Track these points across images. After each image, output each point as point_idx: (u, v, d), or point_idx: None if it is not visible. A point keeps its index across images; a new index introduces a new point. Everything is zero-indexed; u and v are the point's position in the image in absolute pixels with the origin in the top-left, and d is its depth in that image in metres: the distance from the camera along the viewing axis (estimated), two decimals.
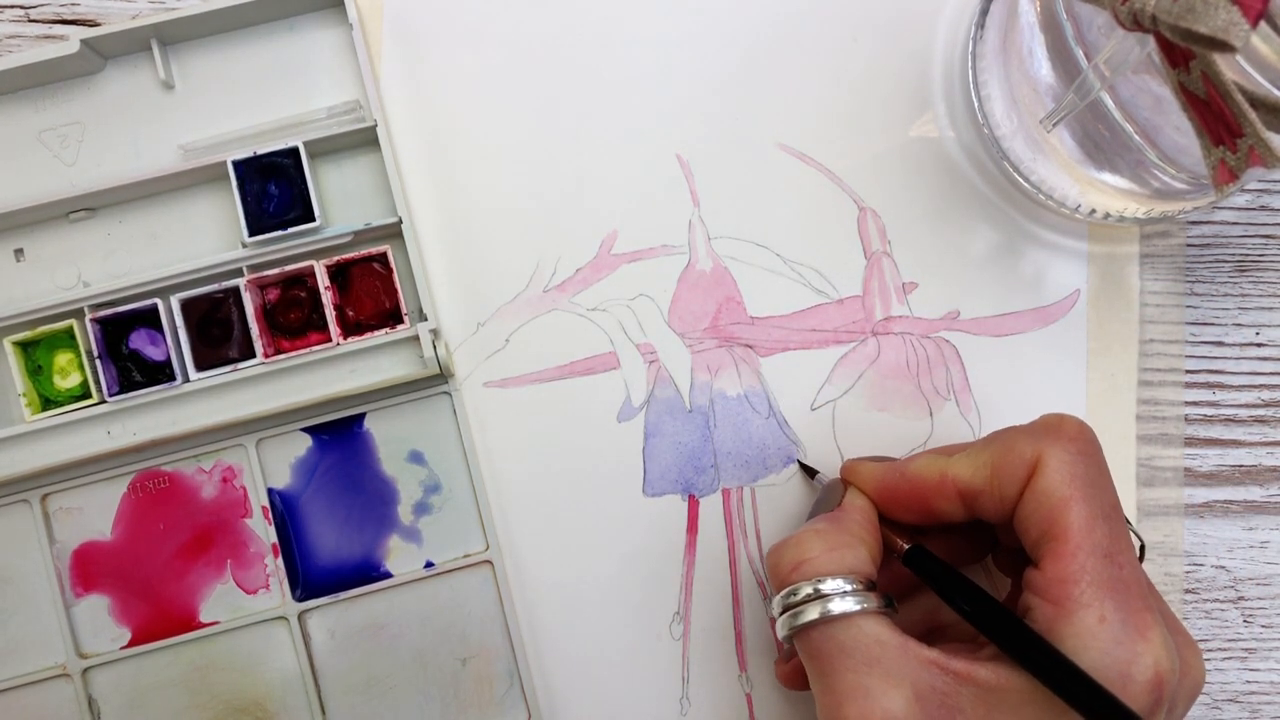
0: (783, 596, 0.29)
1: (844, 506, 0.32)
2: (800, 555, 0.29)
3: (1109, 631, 0.26)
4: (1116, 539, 0.27)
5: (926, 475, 0.30)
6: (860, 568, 0.29)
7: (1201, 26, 0.22)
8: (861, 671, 0.27)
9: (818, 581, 0.28)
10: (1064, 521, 0.27)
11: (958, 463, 0.30)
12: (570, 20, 0.37)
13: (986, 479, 0.29)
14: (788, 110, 0.37)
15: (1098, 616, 0.26)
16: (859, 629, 0.28)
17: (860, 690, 0.27)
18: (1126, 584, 0.27)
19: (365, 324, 0.36)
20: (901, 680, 0.27)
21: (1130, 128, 0.31)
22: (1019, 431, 0.29)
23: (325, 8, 0.36)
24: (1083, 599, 0.26)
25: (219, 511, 0.37)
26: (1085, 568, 0.26)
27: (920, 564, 0.30)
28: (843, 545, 0.29)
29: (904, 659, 0.27)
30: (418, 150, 0.37)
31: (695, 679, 0.37)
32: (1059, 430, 0.28)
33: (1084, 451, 0.28)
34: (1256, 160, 0.25)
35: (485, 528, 0.36)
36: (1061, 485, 0.27)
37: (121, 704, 0.36)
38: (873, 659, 0.27)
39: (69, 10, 0.38)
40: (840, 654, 0.28)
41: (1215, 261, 0.38)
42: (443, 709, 0.36)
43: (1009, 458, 0.28)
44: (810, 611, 0.28)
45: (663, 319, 0.37)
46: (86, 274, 0.36)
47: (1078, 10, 0.31)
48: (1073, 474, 0.28)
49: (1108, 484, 0.28)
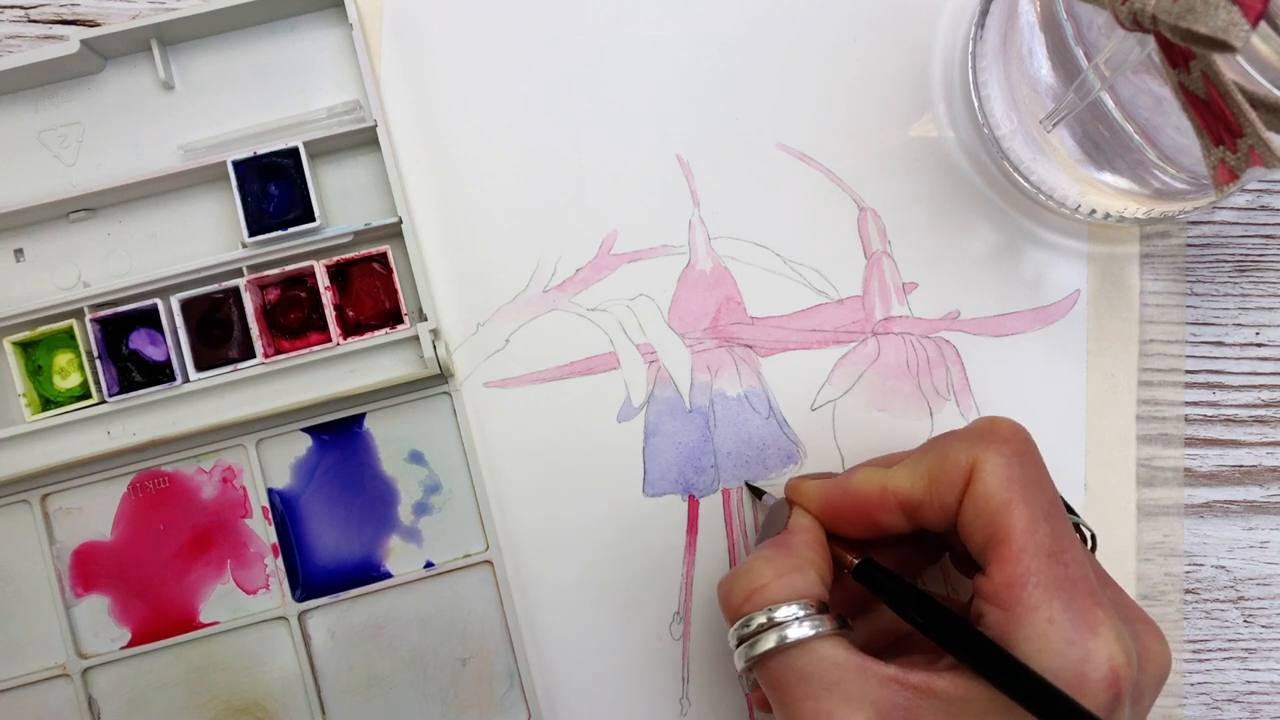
0: (737, 628, 0.29)
1: (790, 528, 0.31)
2: (750, 584, 0.29)
3: (1059, 632, 0.26)
4: (1059, 537, 0.27)
5: (867, 490, 0.30)
6: (811, 591, 0.29)
7: (1201, 26, 0.22)
8: (821, 697, 0.27)
9: (770, 610, 0.28)
10: (1005, 525, 0.27)
11: (896, 475, 0.30)
12: (570, 20, 0.37)
13: (925, 489, 0.29)
14: (788, 110, 0.37)
15: (1047, 618, 0.26)
16: (815, 653, 0.27)
17: (821, 715, 0.27)
18: (1073, 581, 0.26)
19: (365, 324, 0.36)
20: (862, 701, 0.27)
21: (1130, 128, 0.31)
22: (953, 438, 0.29)
23: (325, 8, 0.36)
24: (1030, 602, 0.26)
25: (219, 511, 0.37)
26: (1030, 570, 0.26)
27: (871, 578, 0.30)
28: (792, 570, 0.29)
29: (862, 679, 0.27)
30: (418, 150, 0.37)
31: (695, 679, 0.37)
32: (992, 433, 0.28)
33: (1019, 452, 0.28)
34: (1256, 160, 0.25)
35: (485, 528, 0.36)
36: (999, 489, 0.27)
37: (121, 704, 0.36)
38: (831, 683, 0.27)
39: (69, 10, 0.38)
40: (798, 681, 0.27)
41: (1215, 261, 0.38)
42: (443, 709, 0.36)
43: (945, 465, 0.28)
44: (766, 641, 0.28)
45: (663, 319, 0.37)
46: (86, 274, 0.36)
47: (1078, 10, 0.31)
48: (1009, 476, 0.27)
49: (1047, 482, 0.28)
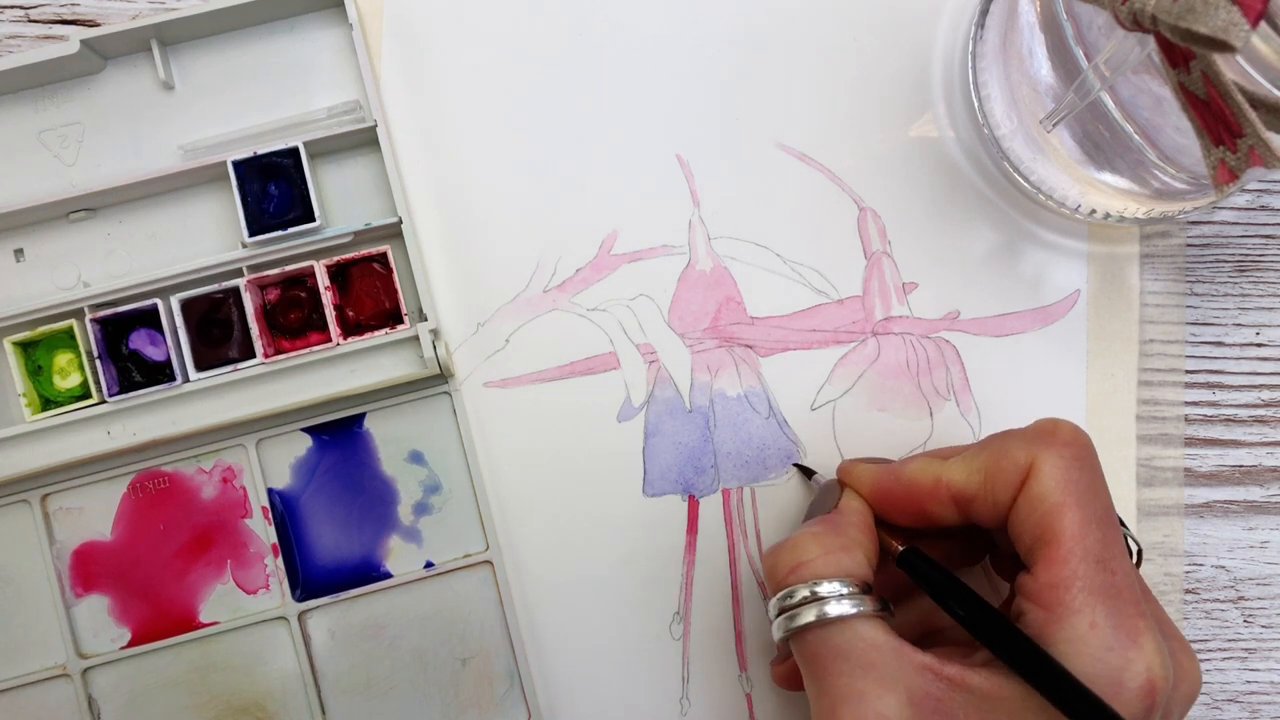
0: (779, 599, 0.29)
1: (840, 509, 0.31)
2: (797, 558, 0.29)
3: (1100, 638, 0.26)
4: (1110, 545, 0.27)
5: (921, 479, 0.30)
6: (856, 571, 0.29)
7: (1201, 27, 0.22)
8: (856, 675, 0.27)
9: (814, 584, 0.28)
10: (1057, 527, 0.27)
11: (952, 467, 0.30)
12: (570, 20, 0.37)
13: (980, 484, 0.29)
14: (788, 110, 0.37)
15: (1089, 622, 0.26)
16: (854, 632, 0.28)
17: (855, 693, 0.27)
18: (1119, 590, 0.26)
19: (365, 324, 0.36)
20: (896, 684, 0.27)
21: (1130, 128, 0.31)
22: (1013, 436, 0.29)
23: (325, 8, 0.36)
24: (1074, 604, 0.26)
25: (219, 512, 0.37)
26: (1077, 573, 0.26)
27: (914, 567, 0.30)
28: (839, 548, 0.29)
29: (899, 663, 0.27)
30: (418, 150, 0.37)
31: (695, 679, 0.37)
32: (1053, 435, 0.28)
33: (1078, 457, 0.28)
34: (1256, 160, 0.25)
35: (485, 528, 0.36)
36: (1055, 491, 0.27)
37: (121, 704, 0.36)
38: (868, 663, 0.27)
39: (69, 10, 0.38)
40: (835, 657, 0.28)
41: (1215, 261, 0.38)
42: (443, 709, 0.36)
43: (1002, 463, 0.28)
44: (806, 614, 0.28)
45: (663, 319, 0.37)
46: (86, 274, 0.36)
47: (1078, 10, 0.31)
48: (1066, 479, 0.27)
49: (1102, 489, 0.28)
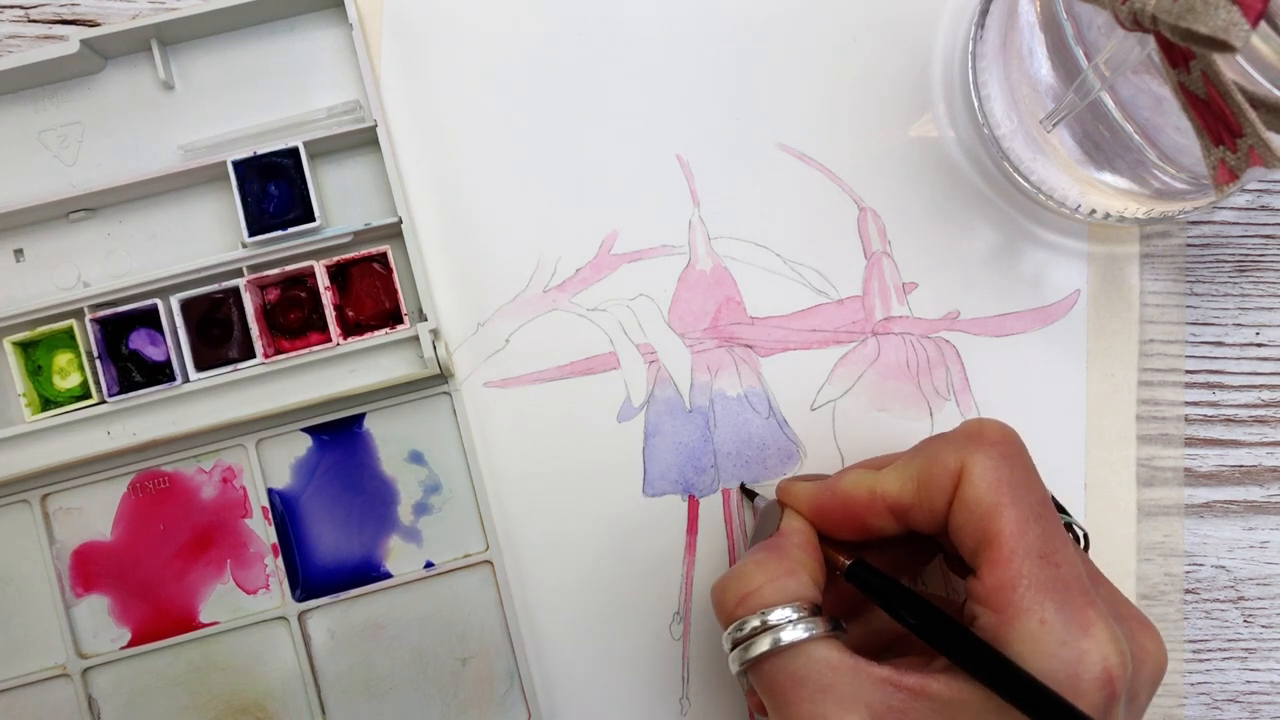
0: (730, 632, 0.29)
1: (782, 531, 0.31)
2: (743, 588, 0.29)
3: (1052, 634, 0.26)
4: (1050, 537, 0.27)
5: (856, 493, 0.30)
6: (804, 593, 0.29)
7: (1201, 26, 0.22)
8: (816, 699, 0.27)
9: (764, 613, 0.28)
10: (995, 528, 0.27)
11: (885, 478, 0.30)
12: (570, 20, 0.37)
13: (914, 493, 0.29)
14: (788, 110, 0.37)
15: (1039, 619, 0.26)
16: (809, 656, 0.27)
17: (816, 718, 0.27)
18: (1065, 583, 0.26)
19: (365, 324, 0.36)
20: (857, 703, 0.27)
21: (1130, 128, 0.31)
22: (943, 441, 0.29)
23: (325, 8, 0.36)
24: (1022, 604, 0.26)
25: (219, 512, 0.37)
26: (1021, 572, 0.26)
27: (863, 579, 0.30)
28: (784, 573, 0.29)
29: (857, 681, 0.27)
30: (418, 150, 0.37)
31: (695, 679, 0.37)
32: (980, 436, 0.28)
33: (1007, 455, 0.28)
34: (1256, 160, 0.25)
35: (485, 528, 0.36)
36: (988, 492, 0.27)
37: (121, 704, 0.36)
38: (825, 685, 0.27)
39: (69, 10, 0.38)
40: (793, 684, 0.27)
41: (1215, 261, 0.38)
42: (443, 709, 0.36)
43: (934, 469, 0.28)
44: (760, 644, 0.28)
45: (663, 319, 0.37)
46: (86, 274, 0.36)
47: (1078, 10, 0.31)
48: (997, 479, 0.27)
49: (1036, 483, 0.28)
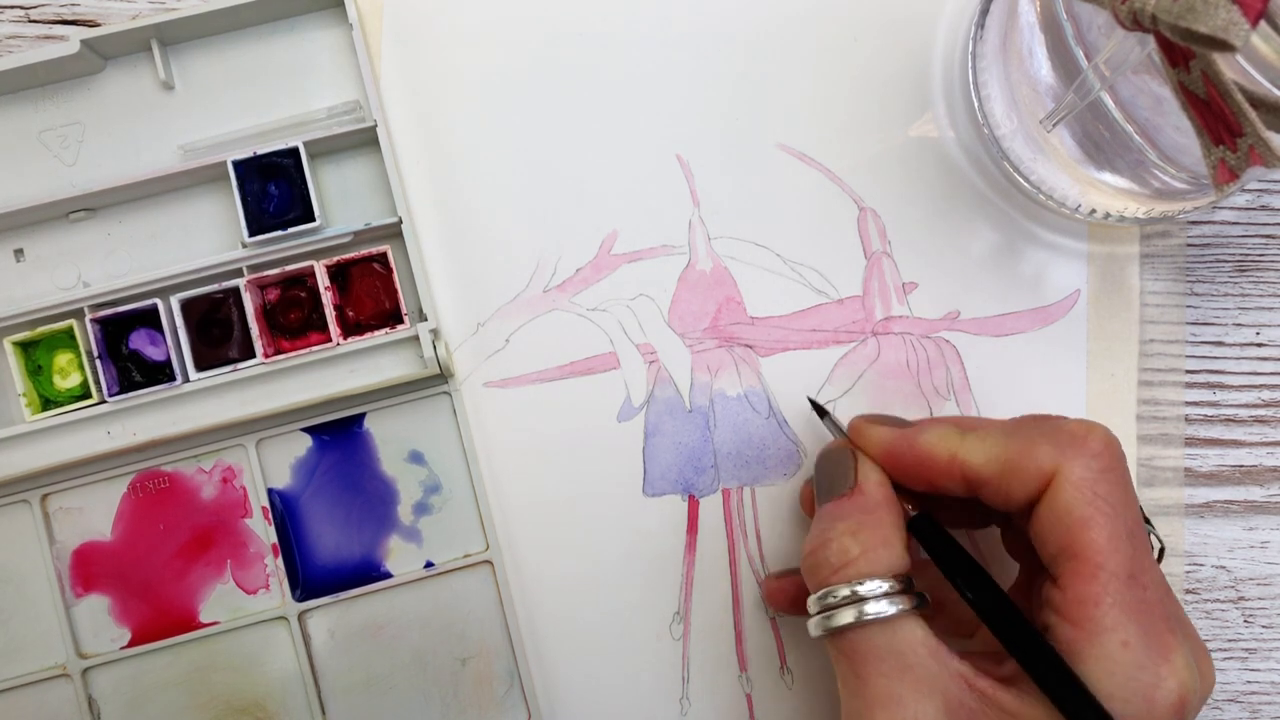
0: (819, 597, 0.28)
1: (863, 489, 0.30)
2: (840, 558, 0.28)
3: (1132, 656, 0.25)
4: (1140, 558, 0.26)
5: (936, 454, 0.29)
6: (897, 565, 0.28)
7: (1201, 26, 0.22)
8: (895, 677, 0.27)
9: (856, 584, 0.28)
10: (1084, 540, 0.26)
11: (970, 447, 0.29)
12: (570, 20, 0.37)
13: (997, 473, 0.28)
14: (788, 110, 0.37)
15: (1121, 641, 0.25)
16: (894, 633, 0.27)
17: (893, 697, 0.26)
18: (1150, 605, 0.26)
19: (365, 324, 0.36)
20: (933, 691, 0.26)
21: (1130, 128, 0.31)
22: (1041, 433, 0.28)
23: (325, 8, 0.36)
24: (1105, 622, 0.25)
25: (219, 512, 0.37)
26: (1108, 590, 0.26)
27: (926, 534, 0.29)
28: (880, 543, 0.28)
29: (937, 667, 0.27)
30: (418, 150, 0.37)
31: (695, 679, 0.37)
32: (1083, 443, 0.27)
33: (1108, 467, 0.27)
34: (1257, 160, 0.25)
35: (485, 528, 0.36)
36: (1082, 504, 0.26)
37: (121, 704, 0.36)
38: (906, 666, 0.27)
39: (69, 10, 0.38)
40: (874, 658, 0.27)
41: (1215, 261, 0.38)
42: (443, 709, 0.36)
43: (1025, 461, 0.27)
44: (845, 615, 0.27)
45: (663, 319, 0.37)
46: (86, 274, 0.36)
47: (1078, 10, 0.31)
48: (1095, 493, 0.27)
49: (1132, 500, 0.27)
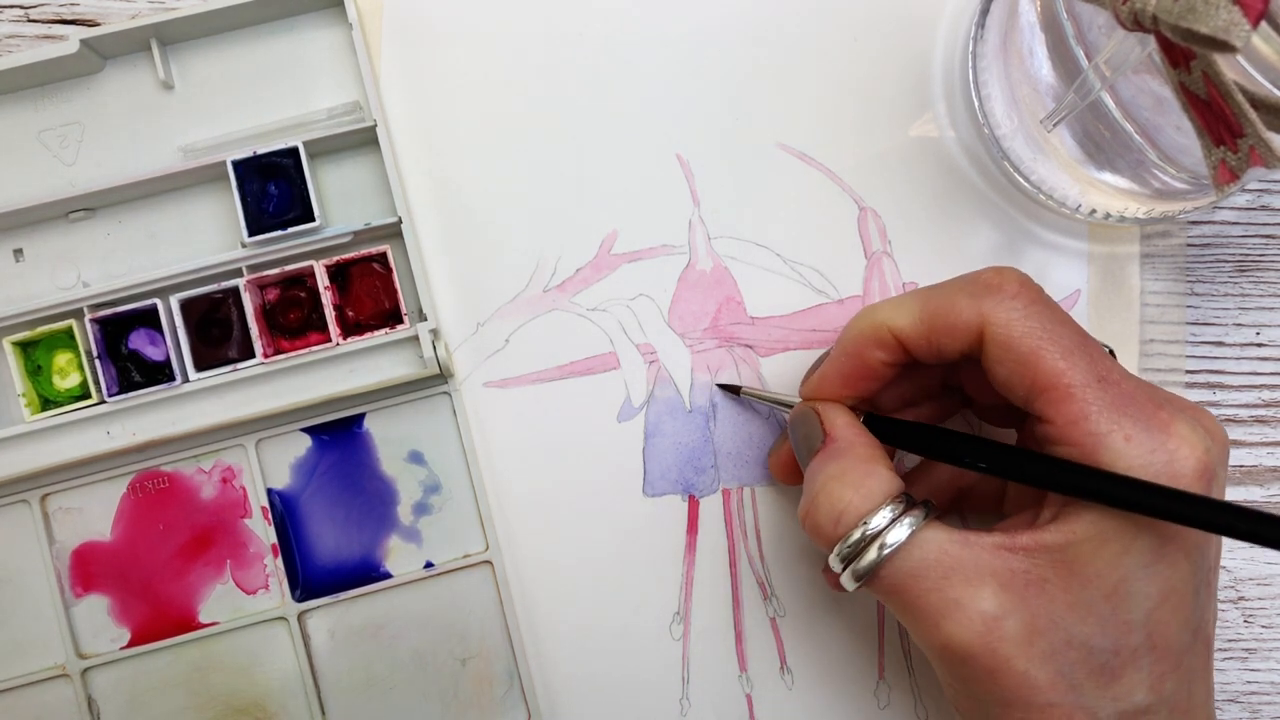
0: (837, 554, 0.28)
1: (837, 435, 0.30)
2: (834, 508, 0.28)
3: (1138, 446, 0.26)
4: (1099, 361, 0.27)
5: (861, 328, 0.30)
6: (890, 488, 0.28)
7: (1202, 26, 0.22)
8: (942, 587, 0.27)
9: (864, 524, 0.28)
10: (1042, 371, 0.27)
11: (891, 312, 0.30)
12: (570, 20, 0.37)
13: (924, 332, 0.29)
14: (788, 110, 0.37)
15: (1123, 437, 0.26)
16: (921, 548, 0.27)
17: (949, 605, 0.27)
18: (1131, 395, 0.27)
19: (365, 324, 0.36)
20: (982, 577, 0.27)
21: (1131, 128, 0.31)
22: (957, 289, 0.29)
23: (325, 8, 0.36)
24: (1100, 429, 0.26)
25: (218, 512, 0.36)
26: (1088, 400, 0.26)
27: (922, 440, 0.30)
28: (865, 475, 0.29)
29: (974, 554, 0.27)
30: (418, 150, 0.37)
31: (695, 679, 0.37)
32: (999, 290, 0.28)
33: (1030, 302, 0.28)
34: (1257, 160, 0.25)
35: (485, 528, 0.36)
36: (1023, 340, 0.27)
37: (121, 704, 0.36)
38: (946, 570, 0.27)
39: (68, 10, 0.38)
40: (914, 580, 0.27)
41: (1216, 261, 0.38)
42: (442, 709, 0.36)
43: (949, 316, 0.28)
44: (869, 555, 0.28)
45: (663, 319, 0.37)
46: (86, 274, 0.36)
47: (1078, 10, 0.31)
48: (1027, 329, 0.27)
49: (1064, 319, 0.28)
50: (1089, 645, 0.26)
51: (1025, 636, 0.26)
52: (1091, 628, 0.26)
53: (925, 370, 0.32)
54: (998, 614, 0.26)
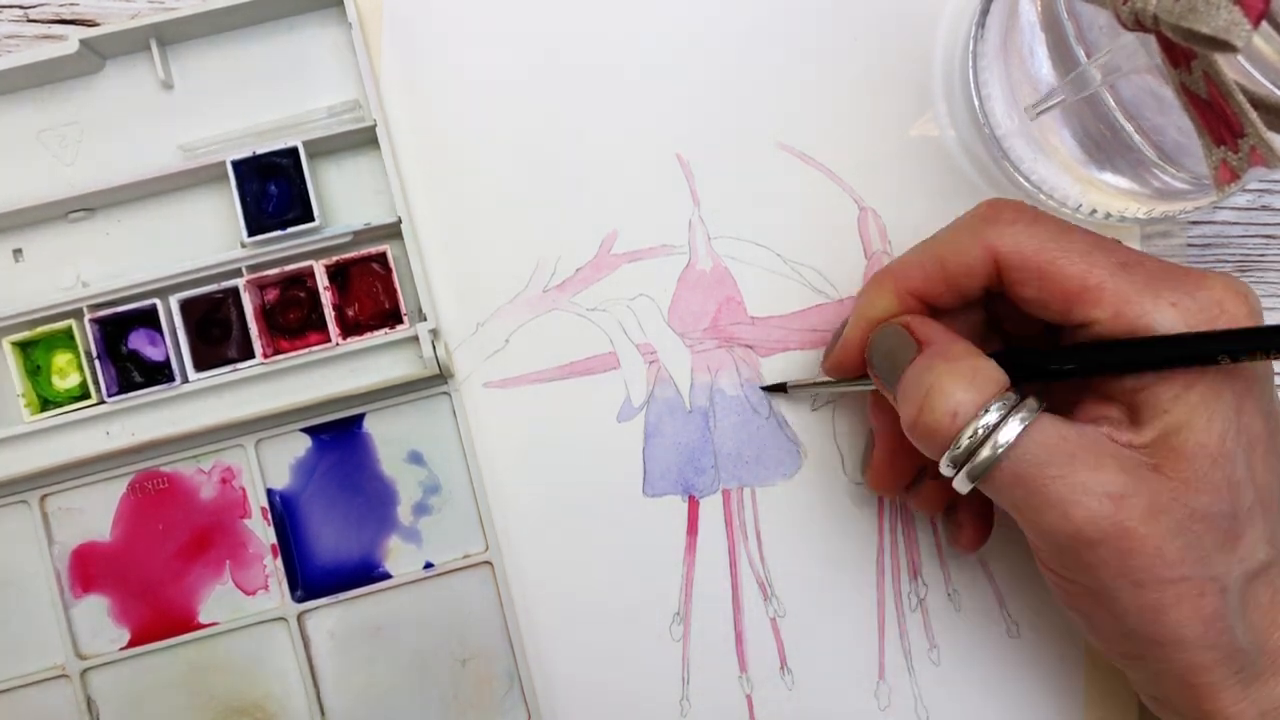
0: (949, 457, 0.27)
1: (934, 338, 0.29)
2: (949, 405, 0.27)
3: (1184, 310, 0.27)
4: (1115, 251, 0.28)
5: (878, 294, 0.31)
6: (1001, 380, 0.28)
7: (1203, 26, 0.22)
8: (1066, 474, 0.26)
9: (976, 421, 0.27)
10: (1068, 277, 0.27)
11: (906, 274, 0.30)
12: (570, 20, 0.37)
13: (938, 281, 0.30)
14: (788, 110, 0.37)
15: (1169, 304, 0.27)
16: (1038, 440, 0.27)
17: (1077, 489, 0.26)
18: (1158, 270, 0.27)
19: (365, 324, 0.36)
20: (1102, 459, 0.26)
21: (1131, 128, 0.31)
22: (956, 231, 0.30)
23: (325, 7, 0.36)
24: (1145, 306, 0.27)
25: (218, 512, 0.36)
26: (1121, 289, 0.27)
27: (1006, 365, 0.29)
28: (975, 371, 0.28)
29: (1090, 439, 0.27)
30: (417, 150, 0.37)
31: (695, 680, 0.37)
32: (996, 219, 0.29)
33: (1031, 221, 0.28)
34: (1258, 160, 0.25)
35: (485, 528, 0.36)
36: (1038, 255, 0.28)
37: (120, 705, 0.36)
38: (1068, 455, 0.26)
39: (68, 10, 0.38)
40: (1037, 471, 0.27)
41: (1216, 262, 0.38)
42: (442, 710, 0.36)
43: (961, 257, 0.29)
44: (985, 453, 0.27)
45: (663, 319, 0.37)
46: (85, 274, 0.36)
47: (1079, 10, 0.31)
48: (1038, 244, 0.28)
49: (1069, 225, 0.29)
50: (1210, 514, 0.26)
51: (1152, 514, 0.26)
52: (1209, 496, 0.26)
53: (955, 321, 0.32)
54: (1125, 492, 0.26)
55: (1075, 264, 0.27)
